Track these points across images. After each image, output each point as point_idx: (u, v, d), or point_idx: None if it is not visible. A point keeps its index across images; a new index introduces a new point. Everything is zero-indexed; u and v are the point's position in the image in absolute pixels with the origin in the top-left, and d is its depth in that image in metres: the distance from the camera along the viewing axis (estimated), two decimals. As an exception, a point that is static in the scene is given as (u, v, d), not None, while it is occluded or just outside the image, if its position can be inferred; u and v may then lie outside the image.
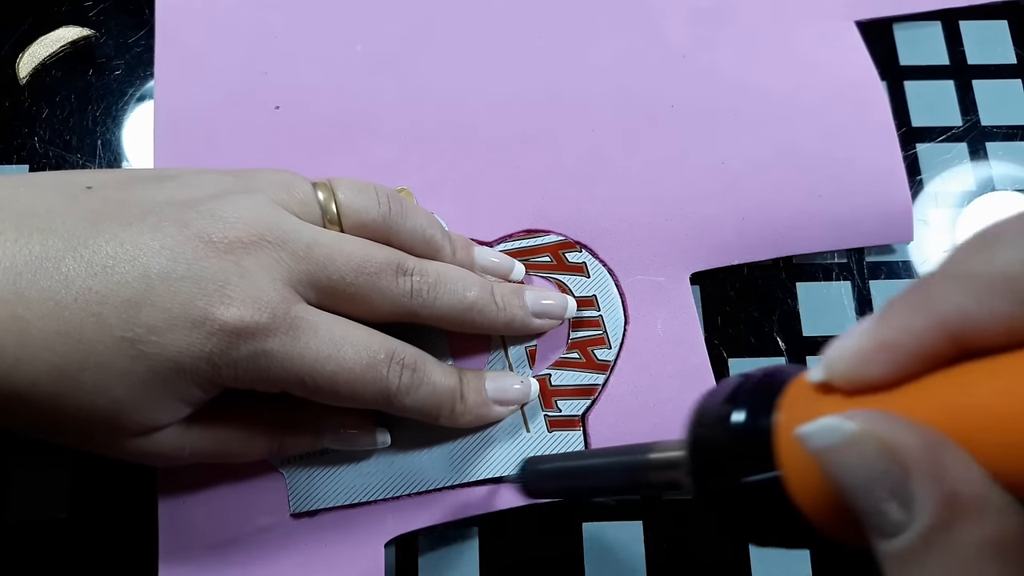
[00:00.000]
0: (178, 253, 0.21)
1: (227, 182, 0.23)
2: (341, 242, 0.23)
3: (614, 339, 0.29)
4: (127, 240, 0.21)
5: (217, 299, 0.21)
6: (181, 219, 0.21)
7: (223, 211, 0.22)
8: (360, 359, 0.23)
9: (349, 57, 0.32)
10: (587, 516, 0.28)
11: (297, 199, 0.24)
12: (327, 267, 0.23)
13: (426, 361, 0.25)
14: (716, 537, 0.27)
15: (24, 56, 0.32)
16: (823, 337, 0.30)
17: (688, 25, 0.33)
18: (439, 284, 0.25)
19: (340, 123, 0.31)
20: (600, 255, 0.30)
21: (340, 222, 0.24)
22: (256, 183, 0.24)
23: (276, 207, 0.23)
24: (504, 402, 0.27)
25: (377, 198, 0.25)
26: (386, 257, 0.24)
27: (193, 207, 0.22)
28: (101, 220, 0.21)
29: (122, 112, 0.32)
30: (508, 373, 0.28)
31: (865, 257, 0.31)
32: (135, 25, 0.33)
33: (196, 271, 0.21)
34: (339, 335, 0.23)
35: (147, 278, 0.20)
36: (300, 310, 0.22)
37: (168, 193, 0.22)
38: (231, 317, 0.21)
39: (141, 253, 0.21)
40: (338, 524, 0.26)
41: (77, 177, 0.23)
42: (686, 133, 0.32)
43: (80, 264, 0.20)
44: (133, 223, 0.21)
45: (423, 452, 0.27)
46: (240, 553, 0.26)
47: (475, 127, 0.31)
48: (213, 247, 0.21)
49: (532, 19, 0.33)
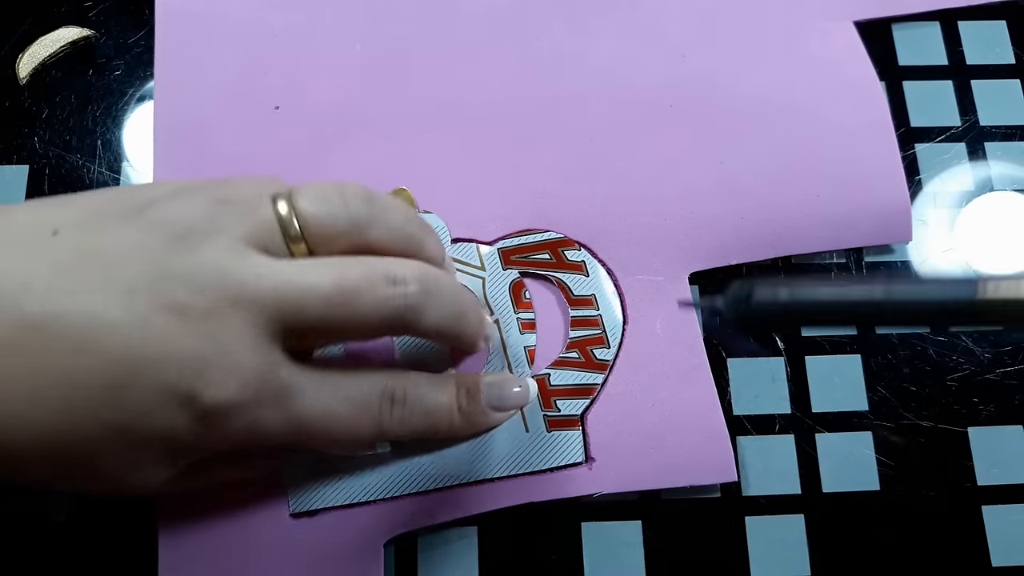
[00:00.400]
0: (153, 331, 0.20)
1: (196, 213, 0.22)
2: (304, 275, 0.21)
3: (613, 338, 0.29)
4: (99, 313, 0.20)
5: (199, 380, 0.20)
6: (153, 287, 0.20)
7: (192, 271, 0.20)
8: (352, 408, 0.23)
9: (349, 57, 0.32)
10: (586, 516, 0.28)
11: (259, 226, 0.22)
12: (299, 311, 0.21)
13: (417, 385, 0.24)
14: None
15: (24, 56, 0.32)
16: (822, 337, 0.30)
17: (687, 25, 0.33)
18: (432, 291, 0.23)
19: (339, 123, 0.31)
20: (599, 254, 0.30)
21: (305, 240, 0.22)
22: (224, 212, 0.22)
23: (239, 252, 0.21)
24: (503, 408, 0.26)
25: (344, 202, 0.23)
26: (362, 274, 0.22)
27: (164, 263, 0.21)
28: (70, 284, 0.20)
29: (122, 112, 0.32)
30: (506, 377, 0.27)
31: (864, 257, 0.31)
32: (135, 25, 0.33)
33: (174, 351, 0.20)
34: (327, 392, 0.22)
35: (126, 361, 0.20)
36: (284, 375, 0.22)
37: (139, 236, 0.21)
38: (216, 397, 0.20)
39: (116, 330, 0.20)
40: (337, 524, 0.26)
41: (44, 216, 0.21)
42: (685, 133, 0.32)
43: (51, 340, 0.19)
44: (101, 290, 0.20)
45: (422, 452, 0.27)
46: (239, 554, 0.26)
47: (474, 127, 0.31)
48: (187, 320, 0.20)
49: (531, 19, 0.33)
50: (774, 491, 0.28)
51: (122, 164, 0.31)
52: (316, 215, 0.22)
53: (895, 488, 0.28)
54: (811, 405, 0.29)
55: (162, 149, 0.30)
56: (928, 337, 0.30)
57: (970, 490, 0.29)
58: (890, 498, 0.28)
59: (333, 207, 0.22)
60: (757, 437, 0.29)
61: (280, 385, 0.21)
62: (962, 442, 0.29)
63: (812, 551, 0.28)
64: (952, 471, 0.29)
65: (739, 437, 0.29)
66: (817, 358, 0.30)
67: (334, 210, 0.22)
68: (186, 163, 0.30)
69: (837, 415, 0.29)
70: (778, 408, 0.29)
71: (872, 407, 0.29)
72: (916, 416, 0.29)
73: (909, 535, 0.28)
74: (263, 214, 0.22)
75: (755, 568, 0.28)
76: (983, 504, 0.28)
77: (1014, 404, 0.30)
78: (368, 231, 0.23)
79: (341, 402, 0.23)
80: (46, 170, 0.31)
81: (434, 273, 0.23)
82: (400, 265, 0.22)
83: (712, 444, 0.28)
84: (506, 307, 0.29)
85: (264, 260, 0.21)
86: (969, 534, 0.28)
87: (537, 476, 0.27)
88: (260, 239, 0.22)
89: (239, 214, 0.22)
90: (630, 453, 0.28)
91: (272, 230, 0.22)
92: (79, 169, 0.31)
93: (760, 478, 0.28)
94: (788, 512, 0.28)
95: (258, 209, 0.22)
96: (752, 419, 0.29)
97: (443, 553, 0.27)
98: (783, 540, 0.28)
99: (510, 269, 0.29)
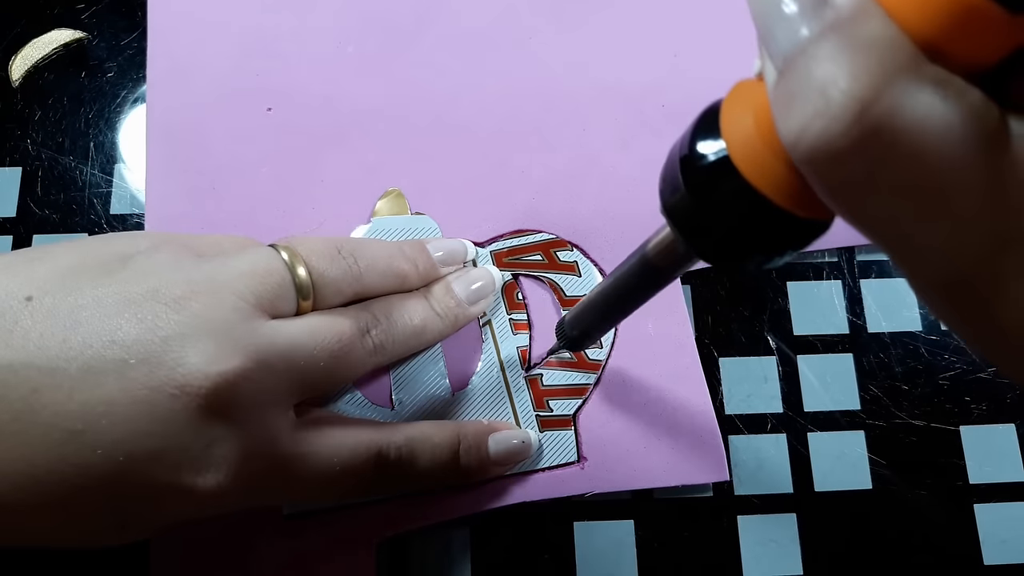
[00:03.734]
0: (156, 416, 0.19)
1: (184, 277, 0.21)
2: (311, 334, 0.22)
3: (605, 338, 0.29)
4: (93, 398, 0.18)
5: (203, 466, 0.20)
6: (148, 360, 0.19)
7: (186, 354, 0.19)
8: (355, 465, 0.23)
9: (341, 59, 0.32)
10: (579, 515, 0.28)
11: (271, 290, 0.22)
12: (306, 372, 0.22)
13: (412, 450, 0.25)
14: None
15: (17, 59, 0.32)
16: (814, 336, 0.30)
17: (679, 24, 0.33)
18: (392, 326, 0.25)
19: (332, 124, 0.31)
20: (591, 254, 0.30)
21: (315, 299, 0.23)
22: (222, 275, 0.21)
23: (244, 319, 0.20)
24: (505, 463, 0.27)
25: (346, 262, 0.24)
26: (351, 327, 0.23)
27: (158, 329, 0.19)
28: (52, 360, 0.18)
29: (115, 114, 0.32)
30: (510, 430, 0.27)
31: (856, 256, 0.31)
32: (127, 27, 0.33)
33: (175, 437, 0.19)
34: (328, 457, 0.23)
35: (125, 445, 0.19)
36: (289, 443, 0.22)
37: (120, 291, 0.20)
38: (218, 483, 0.20)
39: (111, 417, 0.19)
40: (330, 526, 0.27)
41: (14, 280, 0.20)
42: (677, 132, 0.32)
43: (43, 429, 0.18)
44: (95, 368, 0.19)
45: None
46: (232, 555, 0.26)
47: (466, 127, 0.32)
48: (186, 402, 0.19)
49: (523, 19, 0.33)
50: (766, 490, 0.28)
51: (115, 166, 0.31)
52: (326, 274, 0.23)
53: (887, 487, 0.29)
54: (803, 404, 0.29)
55: (155, 151, 0.30)
56: (920, 336, 0.30)
57: (962, 488, 0.29)
58: (882, 497, 0.28)
59: (340, 267, 0.24)
60: (749, 436, 0.29)
61: (285, 458, 0.22)
62: (954, 441, 0.29)
63: (804, 550, 0.28)
64: (944, 470, 0.29)
65: (731, 436, 0.29)
66: (809, 357, 0.30)
67: (341, 271, 0.24)
68: (179, 165, 0.30)
69: (829, 414, 0.29)
70: (770, 407, 0.29)
71: (864, 406, 0.29)
72: (908, 415, 0.29)
73: (901, 534, 0.28)
74: (276, 278, 0.22)
75: (747, 567, 0.28)
76: (975, 502, 0.28)
77: (1006, 403, 0.30)
78: (364, 281, 0.25)
79: (343, 466, 0.23)
80: (39, 172, 0.31)
81: (394, 306, 0.26)
82: (372, 312, 0.25)
83: (704, 443, 0.28)
84: (499, 308, 0.29)
85: (268, 322, 0.21)
86: (961, 532, 0.28)
87: (529, 476, 0.27)
88: (271, 300, 0.22)
89: (246, 279, 0.21)
90: (622, 453, 0.28)
91: (285, 292, 0.22)
92: (72, 171, 0.31)
93: (752, 477, 0.28)
94: (780, 511, 0.28)
95: (270, 275, 0.22)
96: (744, 418, 0.29)
97: (435, 553, 0.27)
98: (775, 539, 0.28)
99: (503, 271, 0.29)
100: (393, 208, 0.30)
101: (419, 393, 0.28)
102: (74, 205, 0.30)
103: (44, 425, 0.18)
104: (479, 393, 0.28)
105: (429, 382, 0.28)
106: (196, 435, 0.19)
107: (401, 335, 0.25)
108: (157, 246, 0.22)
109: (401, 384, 0.28)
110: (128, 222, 0.30)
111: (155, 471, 0.19)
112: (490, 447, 0.26)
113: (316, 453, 0.22)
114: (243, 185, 0.30)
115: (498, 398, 0.28)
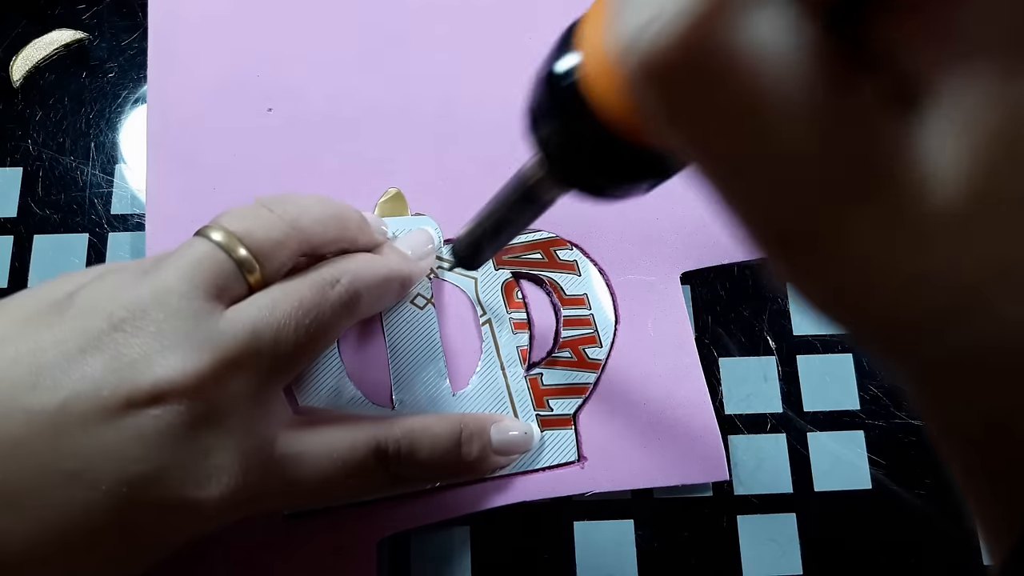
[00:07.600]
0: (145, 440, 0.19)
1: (132, 296, 0.20)
2: (271, 309, 0.21)
3: (605, 338, 0.29)
4: (80, 438, 0.18)
5: (204, 478, 0.20)
6: (120, 388, 0.19)
7: (154, 373, 0.19)
8: (355, 460, 0.23)
9: (341, 59, 0.32)
10: (579, 515, 0.28)
11: (213, 276, 0.21)
12: (279, 349, 0.21)
13: (412, 442, 0.24)
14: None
15: (18, 59, 0.32)
16: (814, 336, 0.30)
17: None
18: (358, 273, 0.24)
19: (332, 124, 0.31)
20: (591, 254, 0.30)
21: (262, 267, 0.22)
22: (164, 282, 0.20)
23: (200, 319, 0.20)
24: (508, 453, 0.27)
25: (275, 213, 0.23)
26: (309, 287, 0.22)
27: (121, 356, 0.19)
28: (27, 409, 0.18)
29: (115, 114, 0.32)
30: (512, 421, 0.27)
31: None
32: (128, 28, 0.33)
33: (170, 456, 0.19)
34: (326, 454, 0.23)
35: (125, 476, 0.19)
36: (281, 445, 0.22)
37: (73, 326, 0.20)
38: (222, 492, 0.20)
39: (104, 452, 0.19)
40: (331, 525, 0.27)
41: None
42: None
43: (37, 480, 0.18)
44: (71, 408, 0.19)
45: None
46: (233, 555, 0.26)
47: (465, 126, 0.32)
48: (170, 419, 0.19)
49: (521, 16, 0.33)
50: (766, 490, 0.28)
51: (116, 166, 0.31)
52: (258, 235, 0.22)
53: (887, 487, 0.29)
54: (803, 404, 0.29)
55: (155, 151, 0.31)
56: (920, 336, 0.30)
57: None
58: (882, 497, 0.28)
59: (267, 221, 0.22)
60: (749, 436, 0.29)
61: (276, 461, 0.22)
62: (954, 440, 0.29)
63: (804, 550, 0.28)
64: (944, 470, 0.29)
65: (731, 436, 0.29)
66: (809, 357, 0.30)
67: (269, 225, 0.22)
68: (179, 165, 0.30)
69: (829, 414, 0.29)
70: (770, 407, 0.29)
71: (864, 406, 0.29)
72: (908, 415, 0.29)
73: (901, 534, 0.28)
74: (215, 265, 0.21)
75: (747, 567, 0.28)
76: (975, 502, 0.28)
77: (1006, 402, 0.30)
78: (300, 223, 0.23)
79: (338, 468, 0.23)
80: (40, 172, 0.31)
81: (357, 260, 0.24)
82: (332, 264, 0.23)
83: (704, 443, 0.28)
84: (498, 307, 0.29)
85: (223, 314, 0.21)
86: (960, 532, 0.28)
87: (530, 475, 0.27)
88: (220, 287, 0.21)
89: (189, 274, 0.21)
90: (622, 452, 0.28)
91: (227, 272, 0.21)
92: (73, 171, 0.31)
93: (752, 477, 0.28)
94: (780, 511, 0.28)
95: (211, 264, 0.21)
96: (744, 418, 0.29)
97: (435, 552, 0.27)
98: (775, 539, 0.28)
99: (502, 269, 0.29)
100: (393, 208, 0.30)
101: (419, 393, 0.28)
102: (75, 205, 0.31)
103: (37, 475, 0.18)
104: (479, 393, 0.28)
105: (429, 382, 0.28)
106: (189, 449, 0.19)
107: (371, 278, 0.24)
108: (102, 275, 0.21)
109: (401, 384, 0.28)
110: (129, 222, 0.30)
111: (160, 495, 0.19)
112: (492, 436, 0.26)
113: (314, 450, 0.22)
114: (243, 185, 0.30)
115: (498, 398, 0.28)
